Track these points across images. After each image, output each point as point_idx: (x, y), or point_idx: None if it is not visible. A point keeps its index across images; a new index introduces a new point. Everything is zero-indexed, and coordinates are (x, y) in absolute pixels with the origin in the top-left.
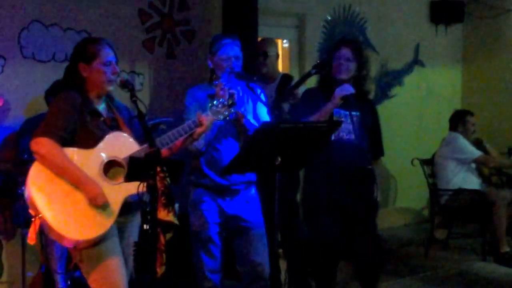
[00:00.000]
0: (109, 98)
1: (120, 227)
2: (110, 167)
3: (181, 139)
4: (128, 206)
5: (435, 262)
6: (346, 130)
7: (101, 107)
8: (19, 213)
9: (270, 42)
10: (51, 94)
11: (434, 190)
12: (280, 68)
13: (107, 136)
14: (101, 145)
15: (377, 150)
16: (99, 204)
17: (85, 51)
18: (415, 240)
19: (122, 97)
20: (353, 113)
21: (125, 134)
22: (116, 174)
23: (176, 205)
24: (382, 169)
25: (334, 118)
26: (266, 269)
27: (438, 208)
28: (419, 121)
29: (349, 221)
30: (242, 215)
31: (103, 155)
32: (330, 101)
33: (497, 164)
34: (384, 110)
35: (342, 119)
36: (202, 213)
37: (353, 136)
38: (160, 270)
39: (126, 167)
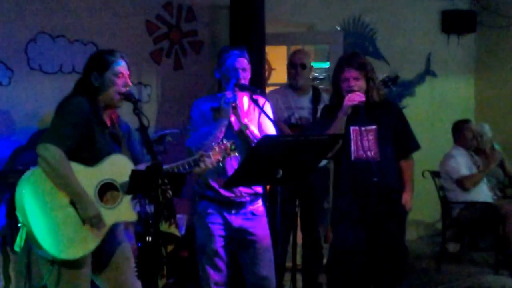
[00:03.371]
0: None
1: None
2: (106, 189)
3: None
4: None
5: (447, 275)
6: (365, 147)
7: (108, 121)
8: None
9: (306, 53)
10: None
11: (446, 203)
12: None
13: (109, 157)
14: (101, 165)
15: (409, 145)
16: (95, 226)
17: (99, 61)
18: (427, 254)
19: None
20: (369, 127)
21: (126, 159)
22: (110, 197)
23: (184, 217)
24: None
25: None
26: (272, 282)
27: (450, 221)
28: (430, 132)
29: (377, 233)
30: (248, 228)
31: (101, 176)
32: (340, 111)
33: (471, 185)
34: None
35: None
36: (207, 226)
37: (373, 154)
38: (161, 282)
39: (121, 193)
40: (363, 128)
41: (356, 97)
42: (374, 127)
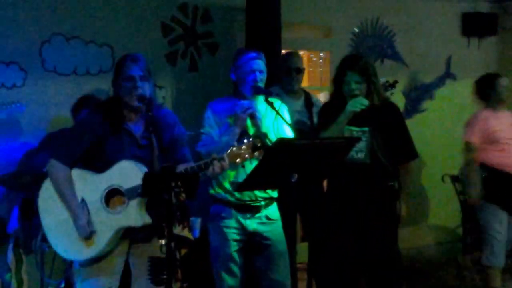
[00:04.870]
0: (151, 118)
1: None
2: (113, 195)
3: None
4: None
5: (467, 282)
6: (356, 148)
7: (137, 123)
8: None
9: (300, 56)
10: (75, 110)
11: (466, 208)
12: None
13: (118, 163)
14: (110, 171)
15: (405, 153)
16: (82, 236)
17: (115, 67)
18: (446, 259)
19: None
20: (365, 129)
21: (137, 166)
22: (117, 203)
23: (199, 220)
24: (414, 183)
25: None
26: (287, 287)
27: (470, 227)
28: (450, 136)
29: (366, 238)
30: (262, 233)
31: (108, 182)
32: (342, 114)
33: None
34: (414, 124)
35: (354, 135)
36: (221, 230)
37: (363, 155)
38: (175, 285)
39: (127, 199)
40: (357, 129)
41: (359, 104)
42: (369, 129)
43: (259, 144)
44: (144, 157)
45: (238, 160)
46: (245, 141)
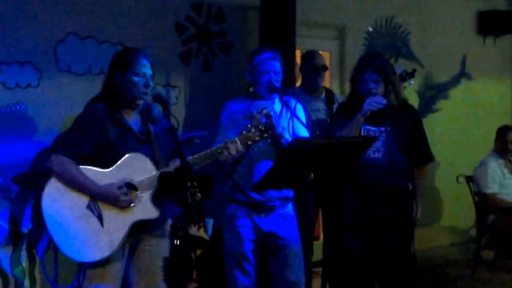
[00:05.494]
0: (145, 111)
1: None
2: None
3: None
4: (144, 226)
5: (481, 283)
6: (373, 148)
7: (134, 119)
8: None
9: (321, 55)
10: None
11: (481, 209)
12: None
13: (124, 157)
14: (117, 166)
15: (421, 155)
16: (123, 206)
17: (120, 60)
18: (461, 261)
19: None
20: (383, 128)
21: (142, 156)
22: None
23: (211, 221)
24: (429, 184)
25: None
26: (302, 287)
27: (485, 228)
28: (465, 136)
29: (380, 241)
30: (278, 233)
31: (118, 177)
32: (359, 112)
33: (493, 204)
34: (428, 124)
35: (371, 134)
36: (236, 230)
37: (380, 155)
38: (190, 286)
39: (140, 191)
40: (375, 129)
41: (376, 103)
42: (386, 128)
43: (269, 127)
44: (146, 153)
45: (249, 142)
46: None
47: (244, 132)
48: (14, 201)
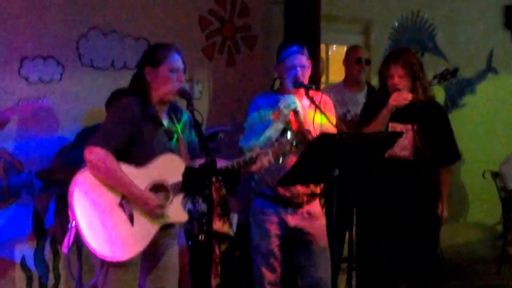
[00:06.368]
0: (171, 107)
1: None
2: (156, 190)
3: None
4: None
5: (507, 279)
6: (401, 146)
7: (164, 115)
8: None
9: (365, 49)
10: (109, 104)
11: (507, 205)
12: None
13: (160, 157)
14: (152, 165)
15: (448, 154)
16: (157, 215)
17: (153, 55)
18: (487, 257)
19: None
20: (409, 125)
21: (179, 158)
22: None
23: (235, 216)
24: (454, 179)
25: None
26: (328, 284)
27: (511, 224)
28: (491, 131)
29: (407, 238)
30: (304, 228)
31: (152, 177)
32: (385, 107)
33: None
34: (454, 119)
35: (399, 130)
36: (263, 225)
37: (407, 152)
38: (215, 282)
39: (172, 194)
40: (401, 126)
41: (402, 98)
42: (413, 126)
43: (301, 140)
44: (175, 150)
45: (281, 154)
46: (288, 136)
47: (276, 144)
48: (37, 196)
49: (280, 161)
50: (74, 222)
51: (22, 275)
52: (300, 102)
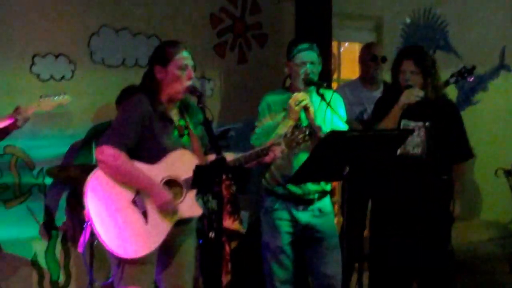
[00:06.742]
0: (183, 104)
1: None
2: (169, 186)
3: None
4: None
5: None
6: (413, 143)
7: (173, 112)
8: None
9: (382, 46)
10: (119, 102)
11: None
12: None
13: (172, 153)
14: (164, 162)
15: (461, 152)
16: (169, 211)
17: (162, 53)
18: (499, 256)
19: None
20: (421, 123)
21: (190, 154)
22: (174, 194)
23: (246, 214)
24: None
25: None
26: (338, 282)
27: None
28: (504, 129)
29: (418, 235)
30: (315, 226)
31: (164, 172)
32: (396, 104)
33: None
34: (466, 117)
35: (411, 127)
36: (274, 222)
37: (419, 150)
38: (225, 279)
39: (185, 189)
40: (413, 123)
41: (413, 95)
42: (425, 123)
43: (315, 130)
44: (188, 147)
45: (294, 144)
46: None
47: (289, 135)
48: (48, 193)
49: (294, 151)
50: (89, 222)
51: (33, 273)
52: (310, 99)
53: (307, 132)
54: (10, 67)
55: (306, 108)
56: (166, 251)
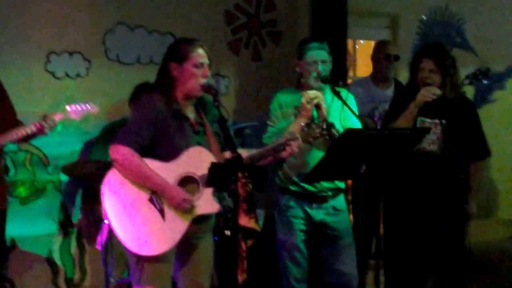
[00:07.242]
0: (200, 101)
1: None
2: (186, 183)
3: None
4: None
5: None
6: (429, 140)
7: (189, 109)
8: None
9: (395, 44)
10: (133, 100)
11: None
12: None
13: (187, 150)
14: (179, 159)
15: (478, 151)
16: (186, 209)
17: (178, 50)
18: None
19: None
20: (438, 121)
21: (206, 150)
22: (191, 191)
23: (262, 212)
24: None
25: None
26: (354, 279)
27: None
28: None
29: (434, 234)
30: (329, 223)
31: (180, 170)
32: (412, 102)
33: None
34: (484, 115)
35: (427, 126)
36: (288, 220)
37: (435, 147)
38: (241, 277)
39: (202, 186)
40: (430, 121)
41: (430, 93)
42: (442, 121)
43: (332, 124)
44: (203, 144)
45: (310, 139)
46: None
47: (306, 129)
48: (63, 191)
49: (311, 145)
50: (106, 220)
51: (48, 269)
52: (322, 97)
53: (324, 127)
54: (25, 65)
55: (318, 106)
56: (184, 248)
